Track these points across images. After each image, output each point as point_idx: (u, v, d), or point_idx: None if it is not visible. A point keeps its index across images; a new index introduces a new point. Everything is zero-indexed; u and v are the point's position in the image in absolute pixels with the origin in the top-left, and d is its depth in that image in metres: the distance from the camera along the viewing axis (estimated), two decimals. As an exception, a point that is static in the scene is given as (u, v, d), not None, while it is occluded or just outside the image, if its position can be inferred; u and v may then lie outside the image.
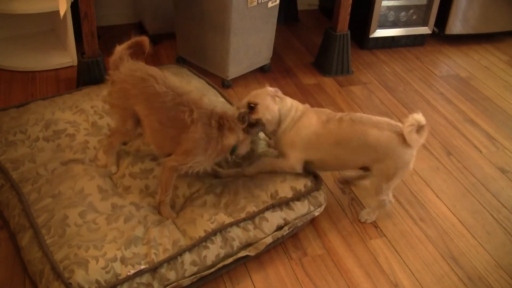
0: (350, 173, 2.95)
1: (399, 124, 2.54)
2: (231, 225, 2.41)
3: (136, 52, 2.72)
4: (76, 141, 2.84)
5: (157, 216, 2.50)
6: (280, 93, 2.65)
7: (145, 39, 2.72)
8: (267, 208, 2.51)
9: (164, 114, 2.53)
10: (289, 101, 2.64)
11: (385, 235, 2.70)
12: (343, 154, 2.61)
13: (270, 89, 2.63)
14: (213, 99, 3.18)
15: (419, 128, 2.49)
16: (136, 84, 2.56)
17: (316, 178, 2.71)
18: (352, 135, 2.55)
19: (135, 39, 2.71)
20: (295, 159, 2.61)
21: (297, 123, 2.59)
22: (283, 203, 2.55)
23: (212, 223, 2.41)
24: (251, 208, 2.50)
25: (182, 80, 3.30)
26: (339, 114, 2.62)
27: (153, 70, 2.62)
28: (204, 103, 2.52)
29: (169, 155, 2.55)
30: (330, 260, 2.54)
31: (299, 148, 2.60)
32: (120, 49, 2.67)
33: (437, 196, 2.98)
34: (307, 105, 2.68)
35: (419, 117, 2.48)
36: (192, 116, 2.47)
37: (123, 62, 2.65)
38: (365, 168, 2.69)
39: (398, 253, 2.61)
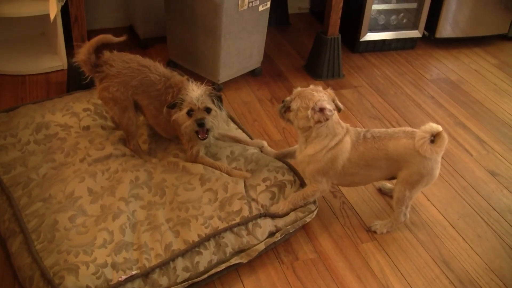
0: (389, 186, 2.97)
1: (416, 130, 2.51)
2: (224, 230, 2.41)
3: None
4: (67, 143, 2.83)
5: (145, 210, 2.50)
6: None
7: (106, 36, 2.76)
8: (259, 216, 2.52)
9: (159, 100, 2.77)
10: (332, 123, 2.52)
11: (376, 239, 2.70)
12: (371, 173, 2.61)
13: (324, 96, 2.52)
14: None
15: (436, 137, 2.44)
16: (135, 76, 2.75)
17: (302, 187, 2.72)
18: (377, 152, 2.53)
19: (95, 39, 2.75)
20: (326, 184, 2.61)
21: (331, 151, 2.53)
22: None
23: (206, 227, 2.41)
24: (245, 213, 2.50)
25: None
26: (360, 131, 2.59)
27: (145, 60, 2.82)
28: (186, 83, 2.76)
29: (176, 136, 2.89)
30: (322, 264, 2.54)
31: (331, 176, 2.59)
32: (81, 57, 2.73)
33: (428, 200, 2.98)
34: (346, 127, 2.59)
35: (432, 126, 2.44)
36: (174, 95, 2.74)
37: (104, 56, 2.77)
38: (391, 178, 2.69)
39: (389, 256, 2.61)
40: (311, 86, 2.55)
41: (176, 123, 2.75)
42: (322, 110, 2.45)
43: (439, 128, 2.44)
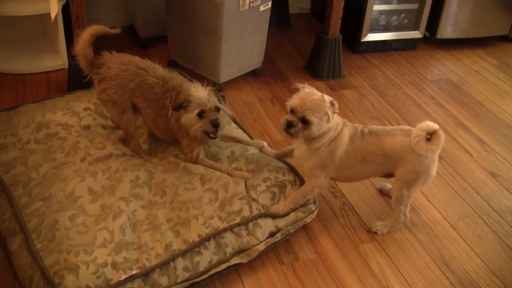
0: (389, 186, 2.95)
1: (413, 129, 2.51)
2: (225, 230, 2.41)
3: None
4: (68, 142, 2.83)
5: (146, 210, 2.50)
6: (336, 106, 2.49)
7: (99, 27, 2.71)
8: (260, 216, 2.52)
9: (157, 104, 2.76)
10: (334, 121, 2.52)
11: (376, 239, 2.70)
12: (367, 167, 2.61)
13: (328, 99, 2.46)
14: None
15: (432, 135, 2.45)
16: (133, 79, 2.73)
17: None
18: (374, 148, 2.54)
19: (88, 30, 2.70)
20: (325, 179, 2.62)
21: (331, 143, 2.54)
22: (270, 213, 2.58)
23: (206, 227, 2.41)
24: (246, 213, 2.50)
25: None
26: (358, 126, 2.60)
27: (143, 62, 2.80)
28: (185, 85, 2.73)
29: (174, 139, 2.89)
30: (322, 264, 2.54)
31: (330, 169, 2.59)
32: (79, 49, 2.70)
33: (428, 200, 2.98)
34: (344, 121, 2.60)
35: (428, 124, 2.44)
36: (172, 99, 2.74)
37: (103, 57, 2.75)
38: (388, 175, 2.70)
39: (389, 257, 2.61)
40: (302, 92, 2.46)
41: (175, 126, 2.75)
42: (332, 103, 2.45)
43: (436, 126, 2.44)
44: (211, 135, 2.71)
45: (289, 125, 2.45)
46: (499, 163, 3.34)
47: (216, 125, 2.65)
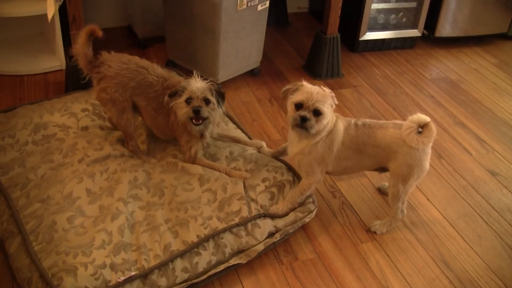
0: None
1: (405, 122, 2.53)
2: (224, 230, 2.40)
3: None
4: (65, 144, 2.83)
5: (144, 211, 2.50)
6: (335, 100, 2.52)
7: (92, 27, 2.72)
8: (259, 216, 2.51)
9: (156, 102, 2.78)
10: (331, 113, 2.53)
11: (375, 239, 2.69)
12: (362, 158, 2.61)
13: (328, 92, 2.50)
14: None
15: (423, 128, 2.46)
16: (133, 77, 2.75)
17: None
18: (367, 139, 2.54)
19: (84, 29, 2.72)
20: (321, 174, 2.61)
21: (329, 135, 2.54)
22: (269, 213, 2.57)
23: (205, 228, 2.40)
24: (245, 213, 2.49)
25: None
26: (351, 119, 2.61)
27: (143, 61, 2.82)
28: (184, 82, 2.73)
29: (174, 138, 2.90)
30: (321, 264, 2.53)
31: (327, 162, 2.58)
32: (79, 49, 2.71)
33: (428, 199, 2.98)
34: (336, 114, 2.61)
35: (420, 117, 2.46)
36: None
37: (103, 56, 2.76)
38: (381, 169, 2.70)
39: (389, 256, 2.60)
40: (306, 87, 2.47)
41: (174, 123, 2.75)
42: (331, 93, 2.48)
43: (427, 118, 2.45)
44: (194, 121, 2.69)
45: (303, 120, 2.43)
46: (498, 161, 3.34)
47: (195, 111, 2.62)
